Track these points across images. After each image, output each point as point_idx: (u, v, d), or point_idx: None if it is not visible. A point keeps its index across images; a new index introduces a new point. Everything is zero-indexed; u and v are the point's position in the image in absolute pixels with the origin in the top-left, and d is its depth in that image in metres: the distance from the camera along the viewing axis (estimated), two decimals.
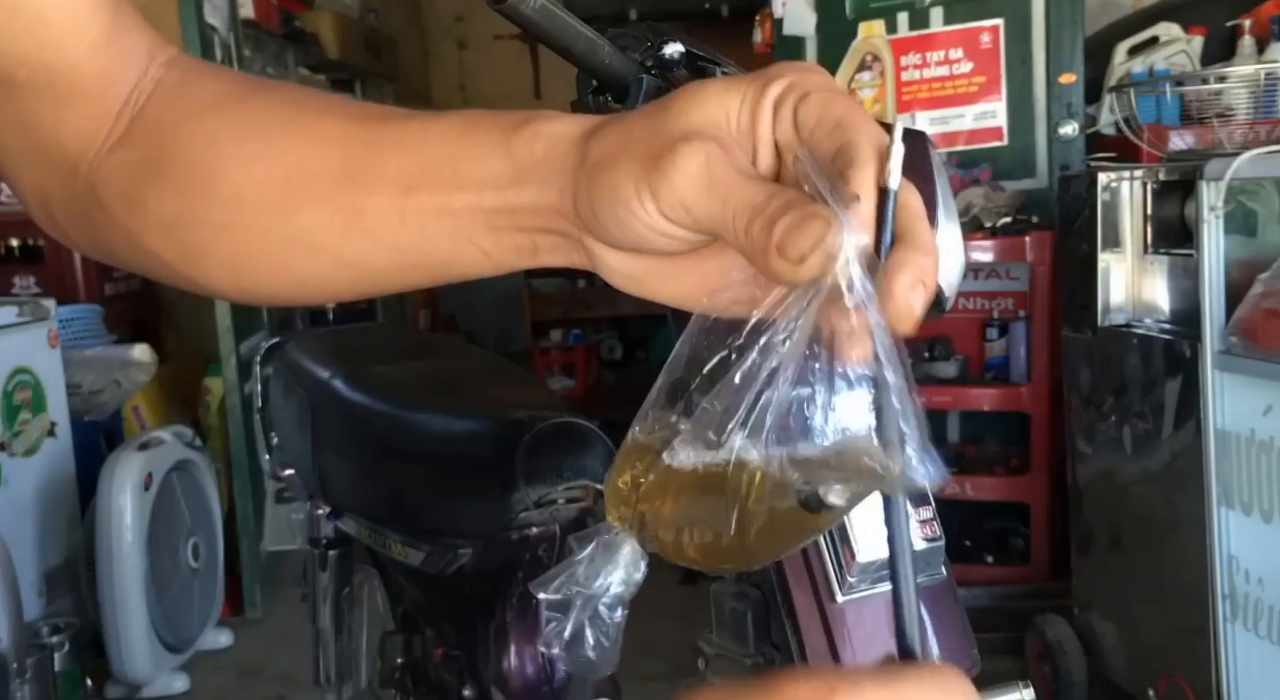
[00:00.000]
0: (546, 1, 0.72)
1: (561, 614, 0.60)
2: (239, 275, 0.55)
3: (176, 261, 0.56)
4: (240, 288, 0.57)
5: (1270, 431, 1.77)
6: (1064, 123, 2.87)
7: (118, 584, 2.60)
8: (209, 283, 0.56)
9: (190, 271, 0.56)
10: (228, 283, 0.56)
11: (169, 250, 0.55)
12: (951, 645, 0.86)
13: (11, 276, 3.47)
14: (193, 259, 0.55)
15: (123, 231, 0.56)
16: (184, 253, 0.55)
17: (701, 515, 0.52)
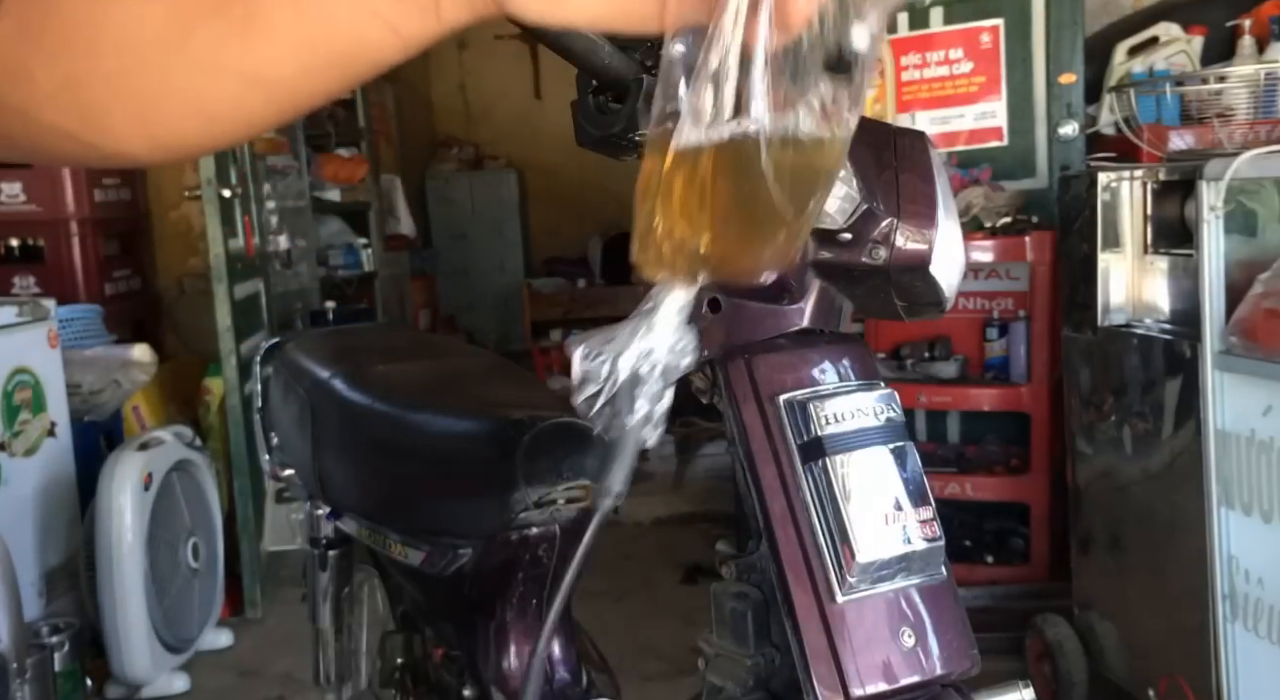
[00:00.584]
0: None
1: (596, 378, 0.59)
2: (147, 127, 0.53)
3: (80, 130, 0.53)
4: (152, 141, 0.54)
5: (1270, 431, 1.77)
6: (1064, 123, 2.87)
7: (118, 584, 2.60)
8: (119, 145, 0.54)
9: (96, 137, 0.53)
10: (137, 139, 0.53)
11: (69, 119, 0.52)
12: (951, 645, 0.86)
13: (11, 276, 3.48)
14: (96, 122, 0.52)
15: (16, 113, 0.53)
16: (85, 118, 0.52)
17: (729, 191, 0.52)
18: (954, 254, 0.90)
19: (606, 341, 0.60)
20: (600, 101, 0.82)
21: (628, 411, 0.60)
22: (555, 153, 7.14)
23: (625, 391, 0.60)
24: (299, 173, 4.35)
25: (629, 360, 0.60)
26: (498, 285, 7.19)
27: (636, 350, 0.60)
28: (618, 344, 0.60)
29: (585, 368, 0.60)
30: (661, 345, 0.61)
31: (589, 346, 0.60)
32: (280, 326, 3.72)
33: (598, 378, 0.60)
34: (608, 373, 0.60)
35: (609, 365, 0.60)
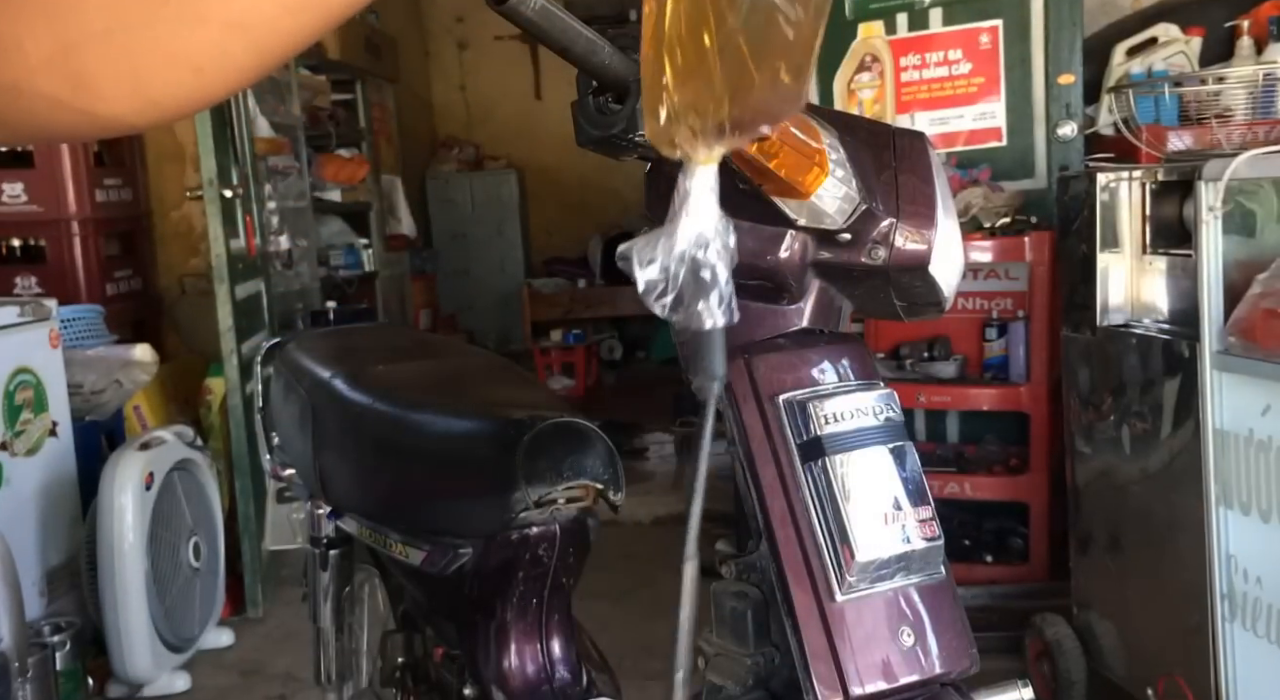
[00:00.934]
0: (546, 2, 0.73)
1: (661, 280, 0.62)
2: (138, 86, 0.53)
3: (73, 97, 0.53)
4: (144, 101, 0.54)
5: (1269, 431, 1.77)
6: (1063, 123, 2.87)
7: (119, 583, 2.60)
8: (112, 108, 0.54)
9: (90, 103, 0.53)
10: (129, 100, 0.54)
11: (63, 88, 0.53)
12: (950, 645, 0.86)
13: (13, 277, 3.48)
14: (89, 86, 0.53)
15: (7, 91, 0.53)
16: (78, 84, 0.52)
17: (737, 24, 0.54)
18: (953, 254, 0.90)
19: (656, 242, 0.62)
20: (600, 102, 0.83)
21: (702, 297, 0.62)
22: (555, 153, 7.15)
23: (690, 281, 0.62)
24: (300, 173, 4.36)
25: (682, 249, 0.62)
26: (498, 285, 7.19)
27: (686, 238, 0.62)
28: (668, 241, 0.62)
29: (647, 274, 0.62)
30: (708, 226, 0.62)
31: (642, 253, 0.62)
32: (281, 326, 3.72)
33: (662, 279, 0.62)
34: (669, 269, 0.62)
35: (667, 262, 0.62)
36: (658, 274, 0.63)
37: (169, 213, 4.01)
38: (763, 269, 0.87)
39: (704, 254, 0.62)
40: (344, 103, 5.28)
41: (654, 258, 0.63)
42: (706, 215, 0.63)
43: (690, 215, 0.63)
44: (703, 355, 0.66)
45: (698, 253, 0.62)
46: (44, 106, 0.54)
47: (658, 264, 0.63)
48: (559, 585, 1.30)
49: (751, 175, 0.81)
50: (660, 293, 0.63)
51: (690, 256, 0.62)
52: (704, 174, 0.63)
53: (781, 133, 0.80)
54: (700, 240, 0.62)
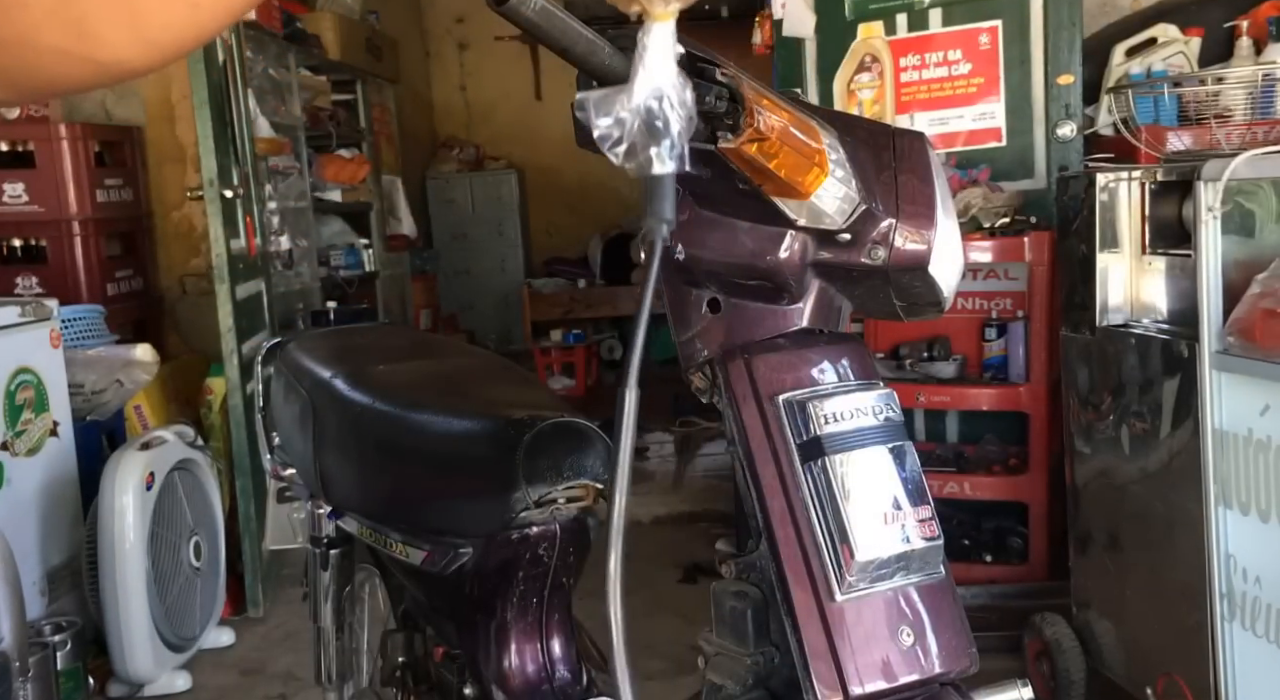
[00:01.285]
0: (547, 3, 0.73)
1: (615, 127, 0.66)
2: (139, 28, 0.55)
3: (77, 46, 0.54)
4: (146, 42, 0.55)
5: (1268, 431, 1.77)
6: (1062, 123, 2.88)
7: (120, 583, 2.60)
8: (115, 53, 0.55)
9: (94, 50, 0.55)
10: (131, 44, 0.55)
11: (67, 37, 0.54)
12: (950, 644, 0.86)
13: (14, 277, 3.49)
14: (92, 33, 0.54)
15: (11, 46, 0.54)
16: (82, 32, 0.54)
17: None
18: (952, 254, 0.90)
19: (615, 96, 0.66)
20: None
21: (654, 144, 0.66)
22: (555, 153, 7.15)
23: (643, 129, 0.66)
24: (300, 173, 4.36)
25: (639, 100, 0.66)
26: (498, 285, 7.19)
27: (642, 92, 0.66)
28: (625, 94, 0.66)
29: (602, 124, 0.66)
30: (664, 81, 0.67)
31: (599, 105, 0.66)
32: (282, 326, 3.72)
33: (617, 129, 0.66)
34: (625, 121, 0.66)
35: (622, 111, 0.66)
36: (613, 124, 0.66)
37: (170, 213, 4.01)
38: (763, 269, 0.87)
39: (658, 106, 0.66)
40: (345, 103, 5.28)
41: (611, 110, 0.66)
42: (663, 71, 0.66)
43: (647, 70, 0.66)
44: (653, 199, 0.69)
45: (652, 105, 0.66)
46: (50, 59, 0.55)
47: (613, 116, 0.66)
48: (559, 585, 1.30)
49: (751, 175, 0.81)
50: (615, 142, 0.67)
51: (645, 108, 0.66)
52: (661, 30, 0.67)
53: (781, 133, 0.80)
54: (656, 93, 0.66)
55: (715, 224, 0.88)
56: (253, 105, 3.59)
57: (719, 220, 0.88)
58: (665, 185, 0.69)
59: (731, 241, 0.87)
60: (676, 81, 0.67)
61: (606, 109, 0.67)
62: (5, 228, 3.48)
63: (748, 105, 0.77)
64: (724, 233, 0.87)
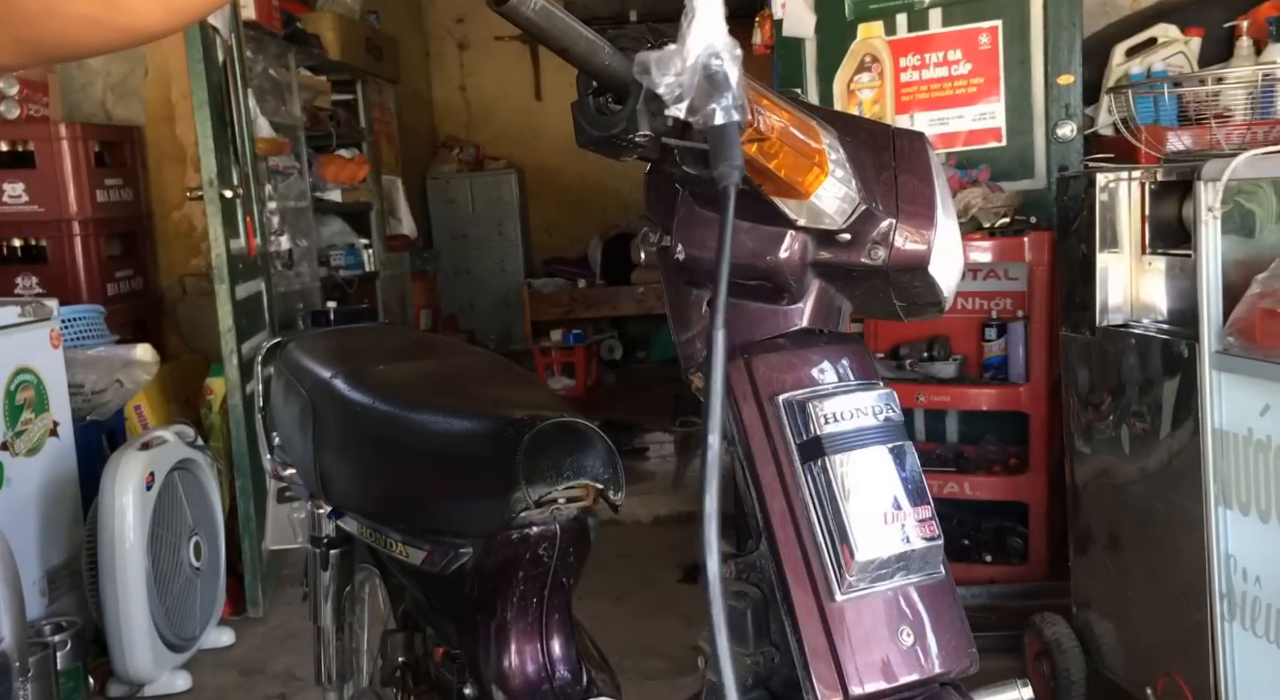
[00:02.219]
0: (547, 3, 0.73)
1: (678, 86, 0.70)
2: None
3: (106, 14, 0.57)
4: (169, 9, 0.59)
5: (1268, 431, 1.77)
6: (1062, 123, 2.88)
7: (120, 583, 2.60)
8: (141, 18, 0.58)
9: (122, 17, 0.58)
10: (157, 10, 0.58)
11: (95, 5, 0.57)
12: (950, 644, 0.86)
13: (14, 277, 3.48)
14: (121, 2, 0.57)
15: (41, 14, 0.57)
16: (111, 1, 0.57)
17: None
18: (952, 254, 0.90)
19: (671, 57, 0.71)
20: (601, 102, 0.83)
21: (715, 98, 0.70)
22: (555, 153, 7.15)
23: (704, 86, 0.70)
24: (300, 173, 4.36)
25: (694, 60, 0.70)
26: (498, 285, 7.19)
27: (696, 50, 0.70)
28: (680, 55, 0.70)
29: (666, 82, 0.71)
30: (716, 38, 0.70)
31: (659, 66, 0.71)
32: (282, 326, 3.72)
33: (678, 85, 0.70)
34: (684, 78, 0.70)
35: (682, 72, 0.70)
36: (674, 83, 0.71)
37: (170, 213, 4.01)
38: (763, 269, 0.87)
39: (715, 62, 0.70)
40: (345, 103, 5.28)
41: (670, 69, 0.71)
42: (714, 28, 0.70)
43: (700, 29, 0.70)
44: (722, 148, 0.72)
45: (709, 61, 0.70)
46: (78, 26, 0.58)
47: (673, 75, 0.70)
48: (559, 585, 1.30)
49: (751, 175, 0.81)
50: (678, 98, 0.71)
51: (702, 65, 0.70)
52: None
53: (781, 133, 0.80)
54: (710, 49, 0.70)
55: (715, 224, 0.88)
56: (253, 105, 3.59)
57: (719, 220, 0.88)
58: (731, 133, 0.72)
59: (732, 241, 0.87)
60: (728, 40, 0.71)
61: (666, 67, 0.70)
62: (5, 228, 3.48)
63: (748, 105, 0.77)
64: None
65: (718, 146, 0.72)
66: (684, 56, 0.70)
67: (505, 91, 7.45)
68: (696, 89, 0.70)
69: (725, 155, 0.72)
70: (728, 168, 0.72)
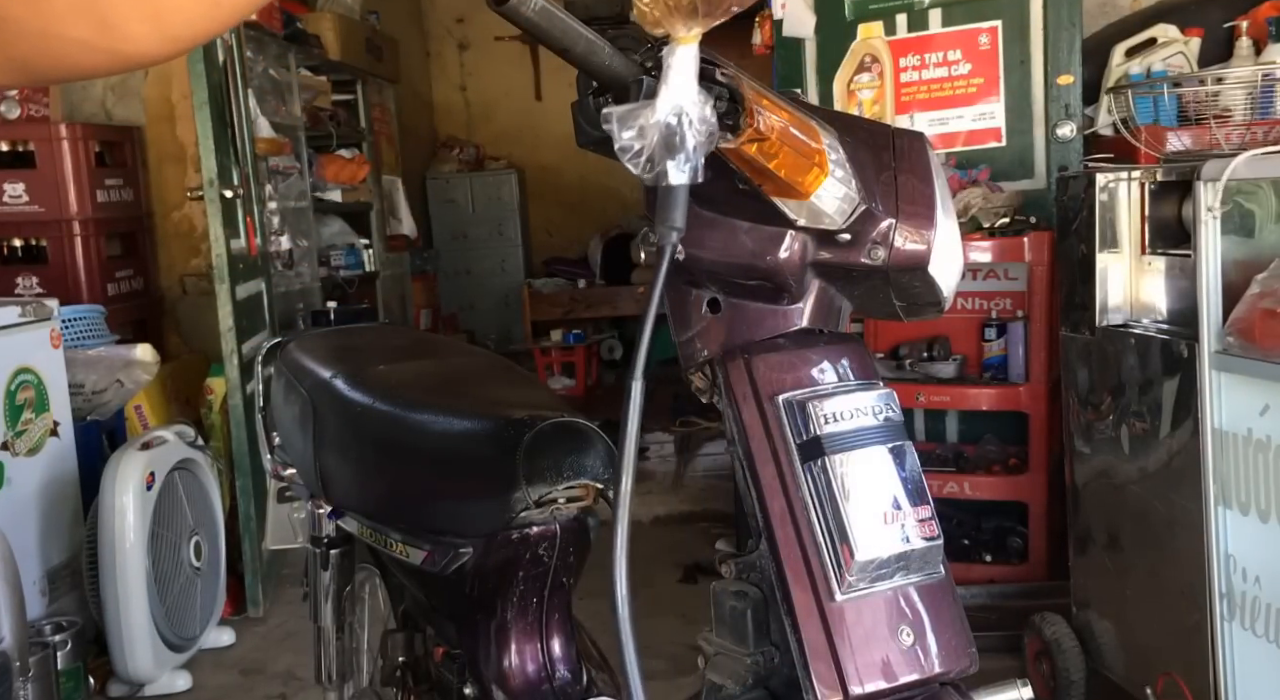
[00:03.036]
0: (546, 3, 0.73)
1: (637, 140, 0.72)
2: (161, 23, 0.56)
3: (100, 38, 0.56)
4: (165, 36, 0.57)
5: (1267, 431, 1.78)
6: (1062, 124, 2.88)
7: (120, 583, 2.61)
8: (137, 46, 0.57)
9: (116, 43, 0.56)
10: (152, 37, 0.57)
11: (90, 30, 0.55)
12: (950, 644, 0.86)
13: (14, 277, 3.49)
14: (116, 28, 0.55)
15: (35, 36, 0.56)
16: (106, 26, 0.55)
17: None
18: (952, 254, 0.91)
19: (639, 112, 0.72)
20: (601, 102, 0.83)
21: (671, 157, 0.71)
22: (555, 153, 7.15)
23: (662, 143, 0.72)
24: (301, 173, 4.36)
25: (660, 116, 0.71)
26: (498, 285, 7.19)
27: (664, 110, 0.71)
28: (648, 111, 0.72)
29: (626, 136, 0.72)
30: (685, 100, 0.72)
31: (624, 119, 0.72)
32: (282, 326, 3.72)
33: (638, 141, 0.72)
34: (645, 131, 0.72)
35: (645, 125, 0.72)
36: (635, 136, 0.72)
37: (170, 213, 4.01)
38: (763, 269, 0.87)
39: (677, 122, 0.71)
40: (345, 103, 5.28)
41: (634, 124, 0.72)
42: (684, 91, 0.72)
43: (670, 88, 0.72)
44: (665, 207, 0.73)
45: (672, 121, 0.71)
46: (72, 49, 0.56)
47: (636, 129, 0.71)
48: (559, 585, 1.30)
49: (751, 175, 0.81)
50: (635, 153, 0.72)
51: (665, 124, 0.71)
52: (684, 52, 0.72)
53: (781, 133, 0.80)
54: (676, 110, 0.71)
55: (715, 224, 0.88)
56: (253, 105, 3.59)
57: (719, 220, 0.88)
58: (678, 195, 0.73)
59: (731, 241, 0.87)
60: (697, 99, 0.72)
61: (630, 122, 0.72)
62: (5, 228, 3.48)
63: (748, 105, 0.77)
64: (724, 233, 0.87)
65: (664, 206, 0.74)
66: (650, 112, 0.71)
67: (505, 91, 7.45)
68: (657, 145, 0.71)
69: (667, 217, 0.73)
70: (666, 229, 0.73)
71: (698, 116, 0.71)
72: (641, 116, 0.72)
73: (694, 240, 0.88)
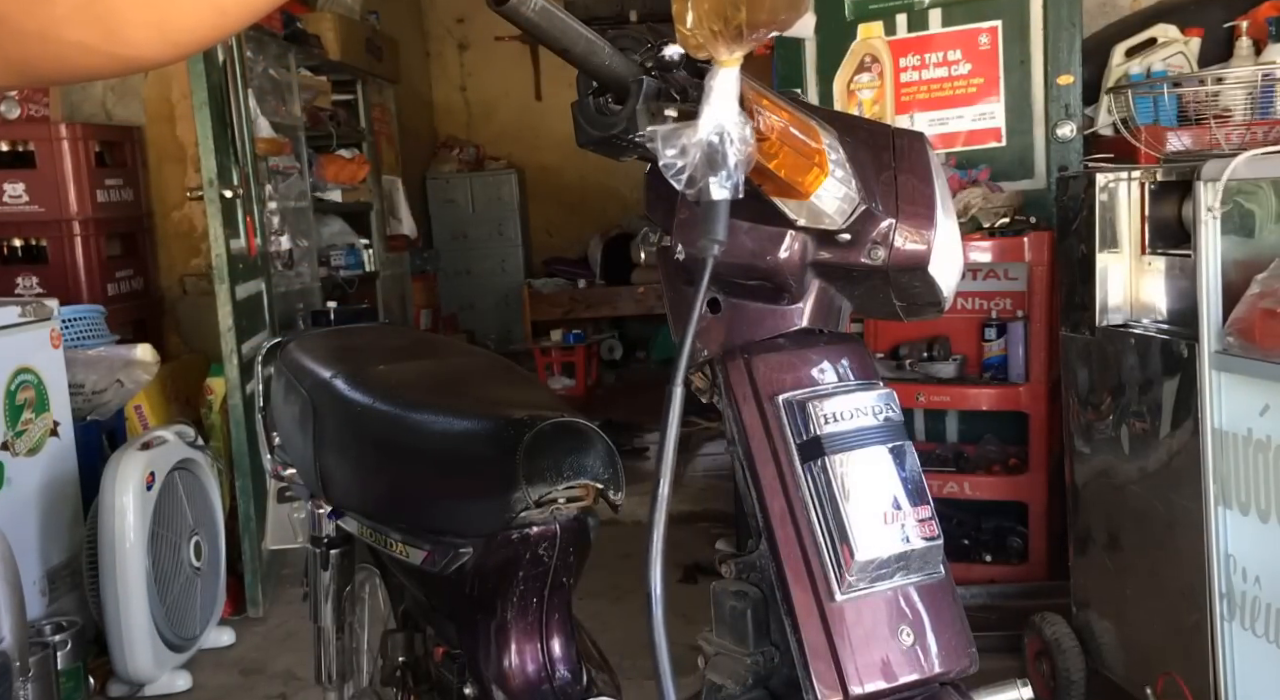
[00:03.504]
0: (547, 3, 0.73)
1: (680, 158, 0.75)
2: (164, 29, 0.56)
3: (101, 42, 0.55)
4: (166, 42, 0.57)
5: (1267, 431, 1.78)
6: (1062, 124, 2.88)
7: (120, 583, 2.60)
8: (138, 50, 0.56)
9: (117, 47, 0.56)
10: (154, 42, 0.56)
11: (92, 34, 0.55)
12: (950, 644, 0.86)
13: (15, 277, 3.49)
14: (118, 33, 0.55)
15: (35, 37, 0.55)
16: (108, 30, 0.55)
17: None
18: (952, 254, 0.91)
19: (682, 131, 0.75)
20: (600, 103, 0.83)
21: (713, 173, 0.74)
22: (555, 153, 7.15)
23: (704, 161, 0.75)
24: (301, 173, 4.36)
25: (703, 134, 0.74)
26: (498, 285, 7.19)
27: (707, 128, 0.74)
28: (691, 130, 0.75)
29: (669, 154, 0.75)
30: (727, 120, 0.75)
31: (668, 138, 0.75)
32: (282, 326, 3.72)
33: (681, 158, 0.75)
34: (688, 149, 0.75)
35: (688, 144, 0.75)
36: (678, 154, 0.75)
37: (170, 213, 4.01)
38: (763, 269, 0.87)
39: (719, 141, 0.74)
40: (345, 103, 5.28)
41: (678, 142, 0.75)
42: (726, 111, 0.75)
43: (712, 108, 0.75)
44: (711, 220, 0.76)
45: (714, 139, 0.74)
46: (73, 52, 0.56)
47: (679, 147, 0.75)
48: (559, 584, 1.30)
49: (751, 175, 0.81)
50: (678, 170, 0.75)
51: (708, 143, 0.74)
52: (726, 75, 0.75)
53: (781, 133, 0.80)
54: (718, 129, 0.74)
55: None
56: (253, 105, 3.59)
57: None
58: (720, 209, 0.76)
59: (731, 241, 0.87)
60: (738, 120, 0.75)
61: (674, 141, 0.75)
62: (5, 228, 3.48)
63: (747, 105, 0.77)
64: None
65: (708, 219, 0.76)
66: (693, 132, 0.74)
67: (505, 92, 7.45)
68: (699, 163, 0.74)
69: (711, 229, 0.76)
70: (708, 242, 0.76)
71: (739, 136, 0.74)
72: (684, 136, 0.74)
73: (694, 240, 0.88)
